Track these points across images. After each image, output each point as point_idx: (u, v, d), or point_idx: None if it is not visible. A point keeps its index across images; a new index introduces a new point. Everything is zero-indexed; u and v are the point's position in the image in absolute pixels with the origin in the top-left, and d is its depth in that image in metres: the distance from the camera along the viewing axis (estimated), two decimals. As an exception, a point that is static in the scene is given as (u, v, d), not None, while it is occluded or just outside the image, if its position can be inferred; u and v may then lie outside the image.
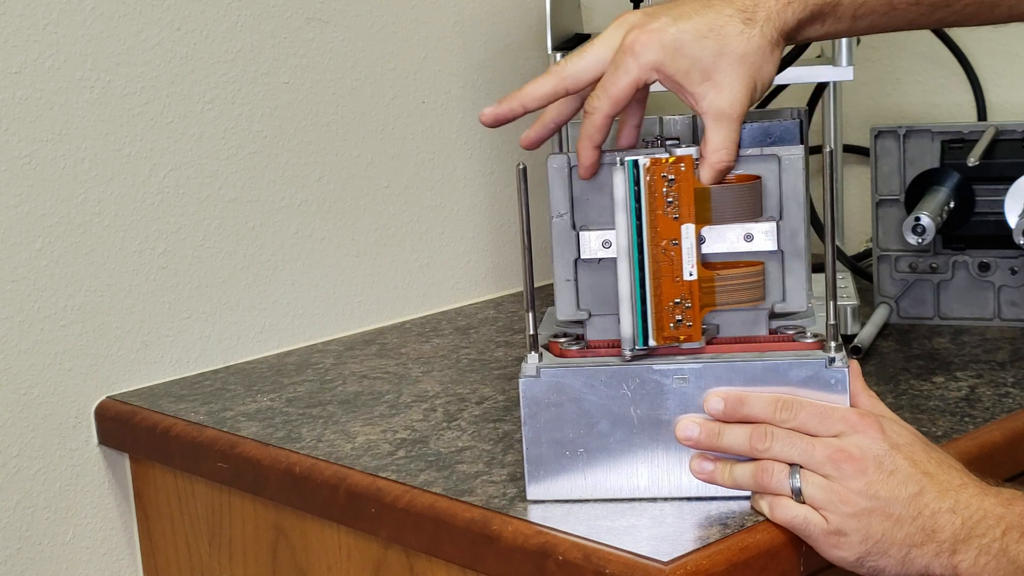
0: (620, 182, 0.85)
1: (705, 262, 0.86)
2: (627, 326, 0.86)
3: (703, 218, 0.86)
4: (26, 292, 1.15)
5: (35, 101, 1.14)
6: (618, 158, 0.85)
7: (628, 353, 0.86)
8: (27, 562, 1.17)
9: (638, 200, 0.85)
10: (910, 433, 0.84)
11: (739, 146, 0.86)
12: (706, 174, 0.86)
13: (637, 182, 0.84)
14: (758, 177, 0.88)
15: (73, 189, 1.17)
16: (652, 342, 0.86)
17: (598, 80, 0.88)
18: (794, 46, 0.97)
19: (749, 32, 0.86)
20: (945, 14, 0.92)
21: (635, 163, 0.84)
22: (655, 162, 0.84)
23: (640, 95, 0.90)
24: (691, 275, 0.86)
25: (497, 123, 0.90)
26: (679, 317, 0.86)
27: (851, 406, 0.85)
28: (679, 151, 0.86)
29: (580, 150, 0.87)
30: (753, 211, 0.87)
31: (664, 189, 0.85)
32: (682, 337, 0.86)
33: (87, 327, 1.19)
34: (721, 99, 0.85)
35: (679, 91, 0.87)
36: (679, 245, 0.85)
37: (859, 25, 0.91)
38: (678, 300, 0.85)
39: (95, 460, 1.20)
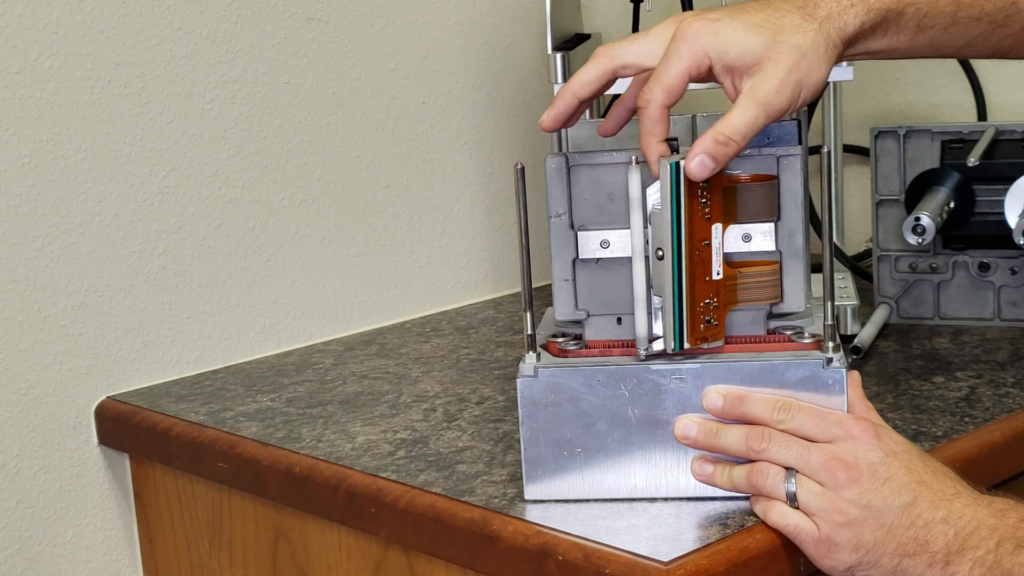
0: (635, 182, 0.84)
1: (729, 261, 0.87)
2: (641, 326, 0.85)
3: (729, 217, 0.86)
4: (26, 292, 1.15)
5: (35, 101, 1.14)
6: (633, 158, 0.84)
7: (643, 353, 0.86)
8: (27, 562, 1.17)
9: (678, 202, 0.83)
10: (906, 441, 0.84)
11: (747, 141, 0.83)
12: (701, 145, 0.82)
13: (678, 183, 0.83)
14: (774, 177, 0.87)
15: (73, 189, 1.17)
16: (687, 344, 0.85)
17: (644, 69, 0.86)
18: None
19: (806, 26, 0.85)
20: (1002, 36, 0.91)
21: (677, 164, 0.83)
22: None
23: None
24: (718, 274, 0.85)
25: (557, 124, 0.88)
26: (708, 317, 0.86)
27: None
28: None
29: (645, 148, 0.85)
30: (770, 210, 0.87)
31: (699, 190, 0.84)
32: (709, 337, 0.86)
33: (87, 327, 1.19)
34: (761, 84, 0.83)
35: (728, 77, 0.85)
36: (710, 245, 0.85)
37: (919, 40, 0.89)
38: (708, 300, 0.85)
39: (95, 460, 1.20)
